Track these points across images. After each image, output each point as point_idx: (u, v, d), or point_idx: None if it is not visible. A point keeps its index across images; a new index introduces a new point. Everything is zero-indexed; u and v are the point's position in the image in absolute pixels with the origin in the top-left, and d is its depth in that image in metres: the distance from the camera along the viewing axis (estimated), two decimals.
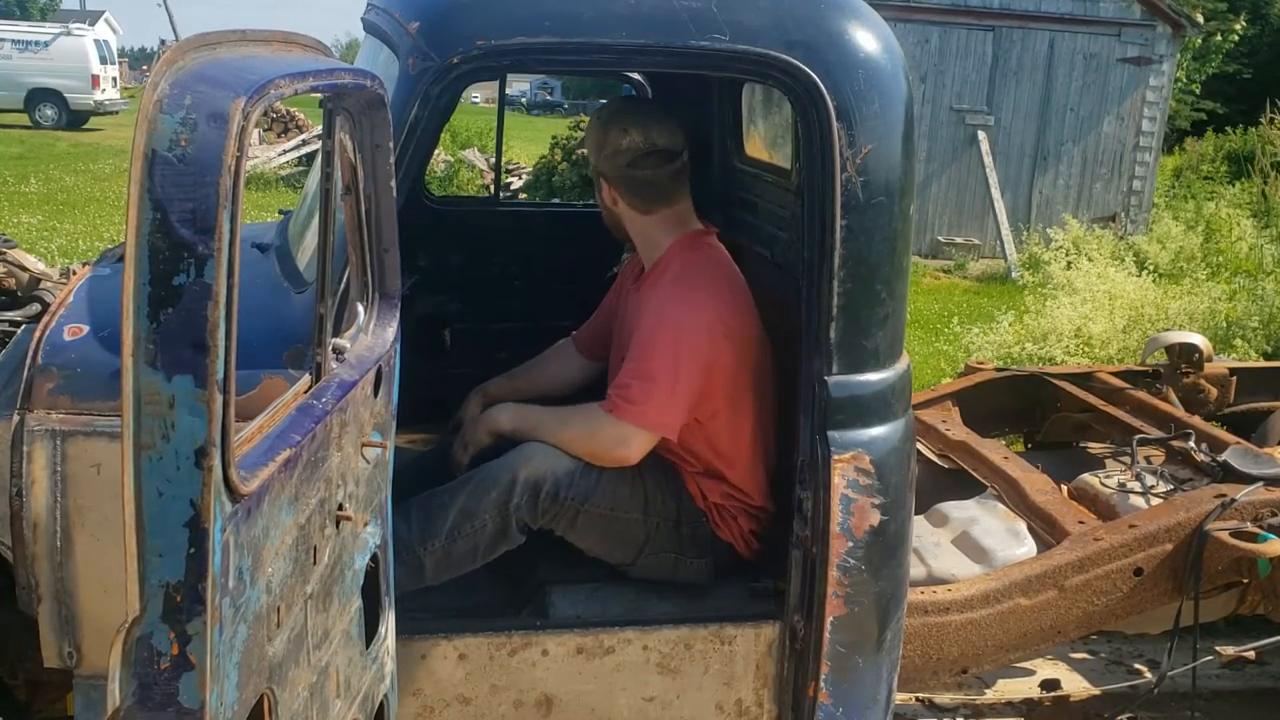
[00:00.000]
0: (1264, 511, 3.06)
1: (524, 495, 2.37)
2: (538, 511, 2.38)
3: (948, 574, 2.94)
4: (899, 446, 2.32)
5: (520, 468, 2.39)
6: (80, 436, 1.97)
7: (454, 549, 2.38)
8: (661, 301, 2.43)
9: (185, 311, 1.18)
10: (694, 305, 2.41)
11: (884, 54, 2.25)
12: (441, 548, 2.37)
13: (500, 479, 2.39)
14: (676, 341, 2.38)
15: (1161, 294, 7.06)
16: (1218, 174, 15.35)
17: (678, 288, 2.45)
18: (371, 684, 1.98)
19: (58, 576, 2.00)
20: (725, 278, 2.55)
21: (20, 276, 2.76)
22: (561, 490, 2.38)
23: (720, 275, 2.54)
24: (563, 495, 2.39)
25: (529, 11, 2.12)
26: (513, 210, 4.95)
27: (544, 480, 2.38)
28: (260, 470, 1.38)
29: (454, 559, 2.39)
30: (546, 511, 2.39)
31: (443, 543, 2.37)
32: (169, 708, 1.25)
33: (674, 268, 2.51)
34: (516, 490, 2.37)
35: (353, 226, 1.91)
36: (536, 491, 2.37)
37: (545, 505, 2.38)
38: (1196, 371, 4.10)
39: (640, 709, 2.35)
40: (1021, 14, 13.65)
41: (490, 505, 2.37)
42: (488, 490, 2.38)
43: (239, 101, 1.23)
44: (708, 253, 2.57)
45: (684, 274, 2.48)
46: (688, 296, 2.42)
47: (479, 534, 2.38)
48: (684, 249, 2.54)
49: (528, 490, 2.37)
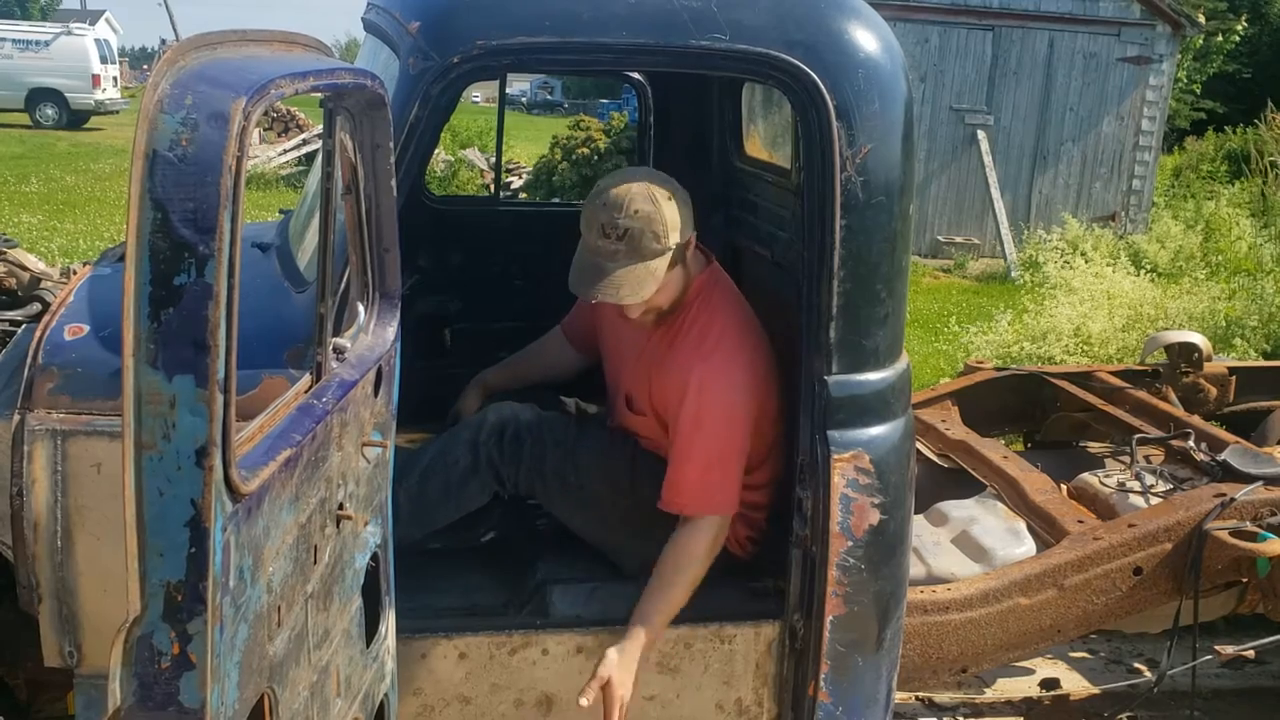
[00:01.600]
0: (1263, 510, 3.06)
1: (490, 434, 2.46)
2: (503, 452, 2.45)
3: (947, 573, 2.94)
4: (899, 446, 2.32)
5: (489, 413, 2.53)
6: (81, 436, 1.98)
7: (427, 487, 2.44)
8: (703, 376, 2.33)
9: (186, 311, 1.18)
10: (730, 374, 2.34)
11: (884, 54, 2.25)
12: (415, 484, 2.42)
13: (470, 422, 2.53)
14: (730, 421, 2.34)
15: (1160, 293, 7.06)
16: (1217, 173, 15.35)
17: (714, 359, 2.35)
18: (372, 683, 1.99)
19: (58, 576, 2.00)
20: (741, 318, 2.48)
21: (21, 276, 2.76)
22: (522, 433, 2.47)
23: (737, 317, 2.47)
24: (523, 438, 2.46)
25: (529, 11, 2.12)
26: (513, 210, 4.95)
27: (507, 423, 2.48)
28: (261, 470, 1.38)
29: (427, 498, 2.44)
30: (511, 456, 2.45)
31: (416, 480, 2.43)
32: (169, 707, 1.25)
33: (699, 323, 2.41)
34: (484, 429, 2.47)
35: (353, 226, 1.91)
36: (501, 432, 2.47)
37: (510, 447, 2.45)
38: (1196, 371, 4.10)
39: (640, 708, 2.35)
40: (1021, 13, 13.65)
41: (461, 443, 2.47)
42: (459, 432, 2.51)
43: (240, 101, 1.23)
44: (721, 293, 2.49)
45: (710, 332, 2.39)
46: (723, 365, 2.34)
47: (450, 470, 2.44)
48: (700, 292, 2.44)
49: (493, 431, 2.47)
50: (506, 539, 2.63)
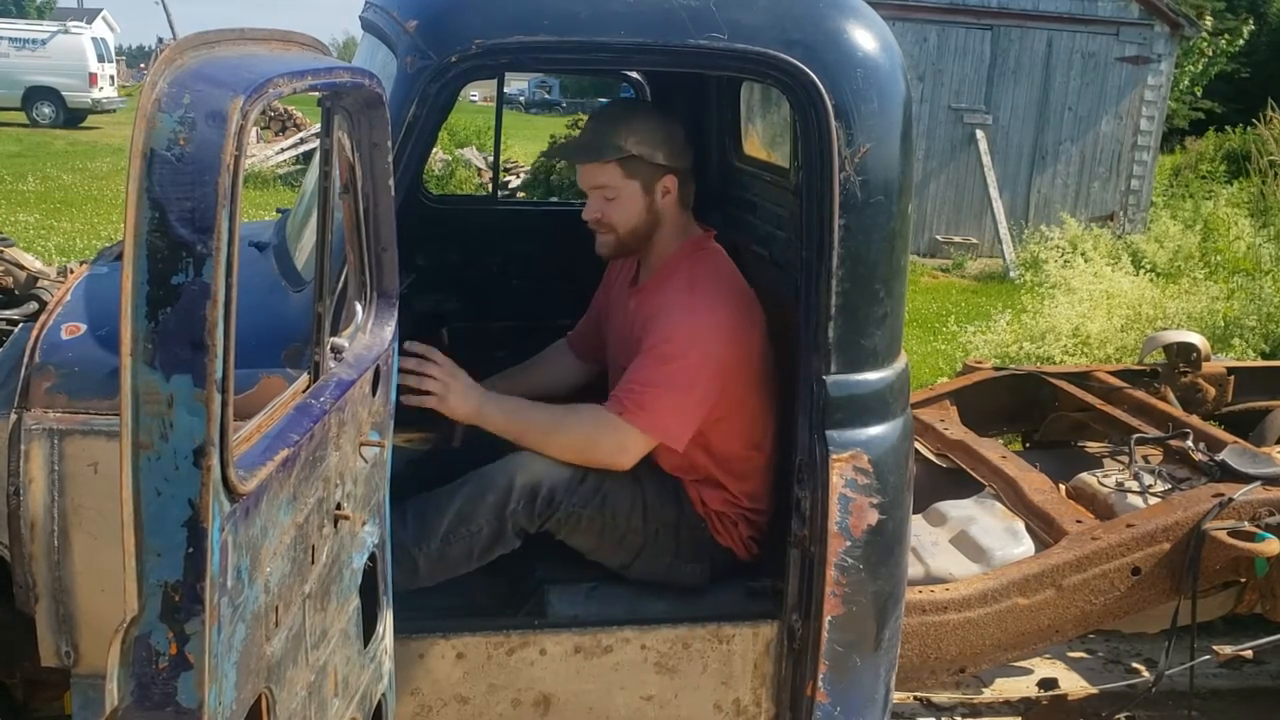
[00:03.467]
0: (1261, 510, 3.06)
1: (520, 501, 2.35)
2: (534, 517, 2.36)
3: (946, 573, 2.94)
4: (897, 446, 2.32)
5: (517, 474, 2.36)
6: (78, 435, 1.97)
7: (449, 552, 2.36)
8: (672, 309, 2.40)
9: (184, 311, 1.18)
10: (706, 313, 2.38)
11: (882, 53, 2.25)
12: (437, 550, 2.34)
13: (497, 483, 2.36)
14: (689, 350, 2.35)
15: (1159, 293, 7.05)
16: (1216, 173, 15.36)
17: (690, 295, 2.42)
18: (369, 683, 1.98)
19: (55, 575, 2.00)
20: (732, 283, 2.53)
21: (18, 275, 2.76)
22: (558, 496, 2.36)
23: (727, 281, 2.52)
24: (558, 500, 2.36)
25: (527, 10, 2.12)
26: (511, 209, 4.94)
27: (540, 486, 2.36)
28: (259, 470, 1.37)
29: (449, 561, 2.37)
30: (542, 516, 2.37)
31: (438, 545, 2.34)
32: (167, 707, 1.25)
33: (682, 273, 2.48)
34: (514, 496, 2.35)
35: (351, 225, 1.90)
36: (533, 497, 2.35)
37: (541, 510, 2.36)
38: (1194, 371, 4.10)
39: (638, 708, 2.35)
40: (1020, 13, 13.66)
41: (486, 510, 2.34)
42: (484, 494, 2.35)
43: (237, 100, 1.23)
44: (713, 258, 2.55)
45: (695, 280, 2.45)
46: (700, 304, 2.40)
47: (475, 537, 2.36)
48: (690, 253, 2.53)
49: (524, 496, 2.35)
50: None
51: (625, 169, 2.45)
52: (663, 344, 2.37)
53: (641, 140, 2.44)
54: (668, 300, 2.43)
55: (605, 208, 2.49)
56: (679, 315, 2.38)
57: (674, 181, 2.49)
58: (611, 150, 2.45)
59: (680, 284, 2.46)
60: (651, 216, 2.51)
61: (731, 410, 2.44)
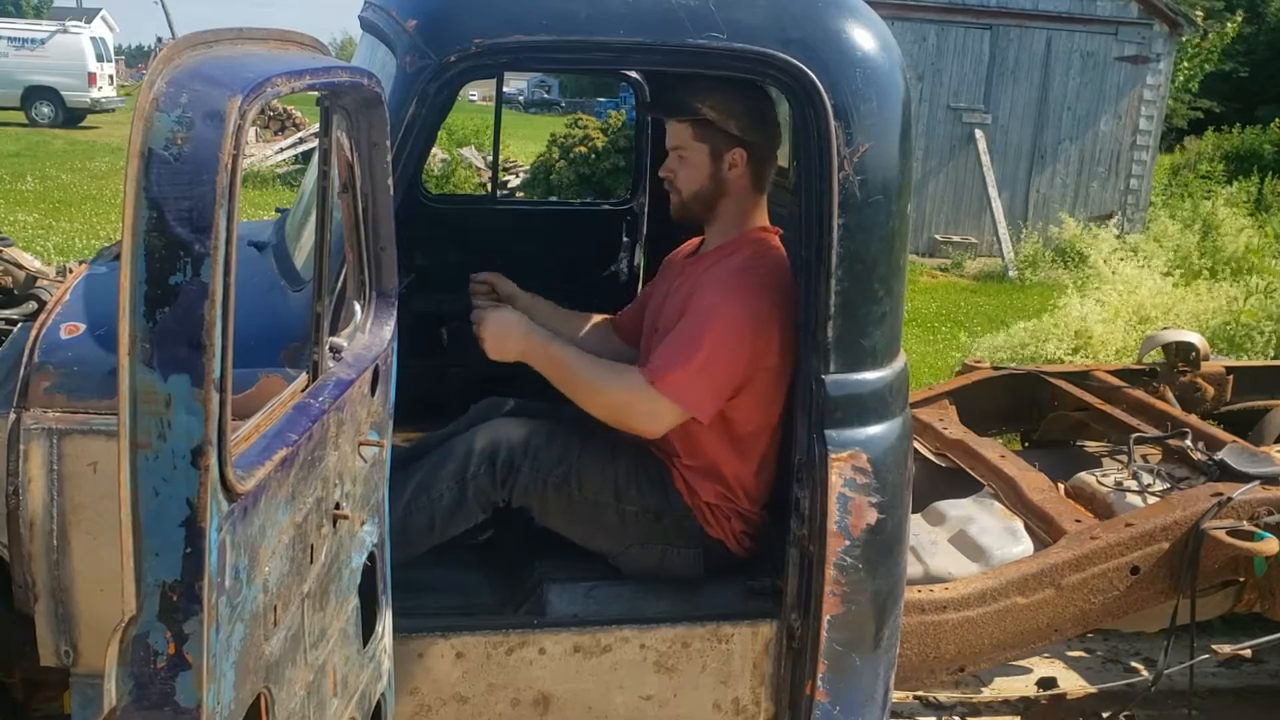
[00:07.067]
0: (1260, 510, 3.06)
1: (481, 464, 2.38)
2: (496, 483, 2.39)
3: (945, 572, 2.94)
4: (896, 445, 2.32)
5: (477, 438, 2.41)
6: (77, 435, 1.97)
7: (410, 521, 2.37)
8: (724, 285, 2.39)
9: (182, 310, 1.18)
10: (754, 296, 2.37)
11: (881, 52, 2.25)
12: (399, 520, 2.34)
13: (456, 451, 2.41)
14: (731, 328, 2.34)
15: (1182, 296, 6.97)
16: (1215, 173, 15.36)
17: (742, 276, 2.41)
18: (369, 683, 1.98)
19: (54, 575, 2.00)
20: (784, 280, 2.49)
21: (17, 274, 2.75)
22: (516, 458, 2.38)
23: (780, 277, 2.48)
24: (517, 463, 2.38)
25: (526, 10, 2.12)
26: (510, 209, 4.94)
27: (499, 448, 2.38)
28: (257, 469, 1.37)
29: (410, 532, 2.37)
30: (504, 481, 2.39)
31: (400, 514, 2.35)
32: (165, 707, 1.25)
33: (743, 254, 2.47)
34: (473, 459, 2.38)
35: (350, 225, 1.90)
36: (493, 459, 2.38)
37: (503, 474, 2.38)
38: (1193, 370, 4.11)
39: (637, 707, 2.35)
40: (1019, 12, 13.66)
41: (447, 475, 2.38)
42: (444, 462, 2.40)
43: (235, 100, 1.23)
44: (775, 254, 2.53)
45: (751, 264, 2.44)
46: (750, 285, 2.39)
47: (435, 504, 2.38)
48: (757, 240, 2.51)
49: (484, 458, 2.38)
50: (503, 538, 2.63)
51: (697, 131, 2.45)
52: (703, 316, 2.36)
53: (717, 106, 2.42)
54: (720, 276, 2.42)
55: (677, 166, 2.50)
56: (724, 290, 2.38)
57: (743, 156, 2.45)
58: (687, 110, 2.45)
59: (737, 263, 2.45)
60: (715, 185, 2.48)
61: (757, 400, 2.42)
